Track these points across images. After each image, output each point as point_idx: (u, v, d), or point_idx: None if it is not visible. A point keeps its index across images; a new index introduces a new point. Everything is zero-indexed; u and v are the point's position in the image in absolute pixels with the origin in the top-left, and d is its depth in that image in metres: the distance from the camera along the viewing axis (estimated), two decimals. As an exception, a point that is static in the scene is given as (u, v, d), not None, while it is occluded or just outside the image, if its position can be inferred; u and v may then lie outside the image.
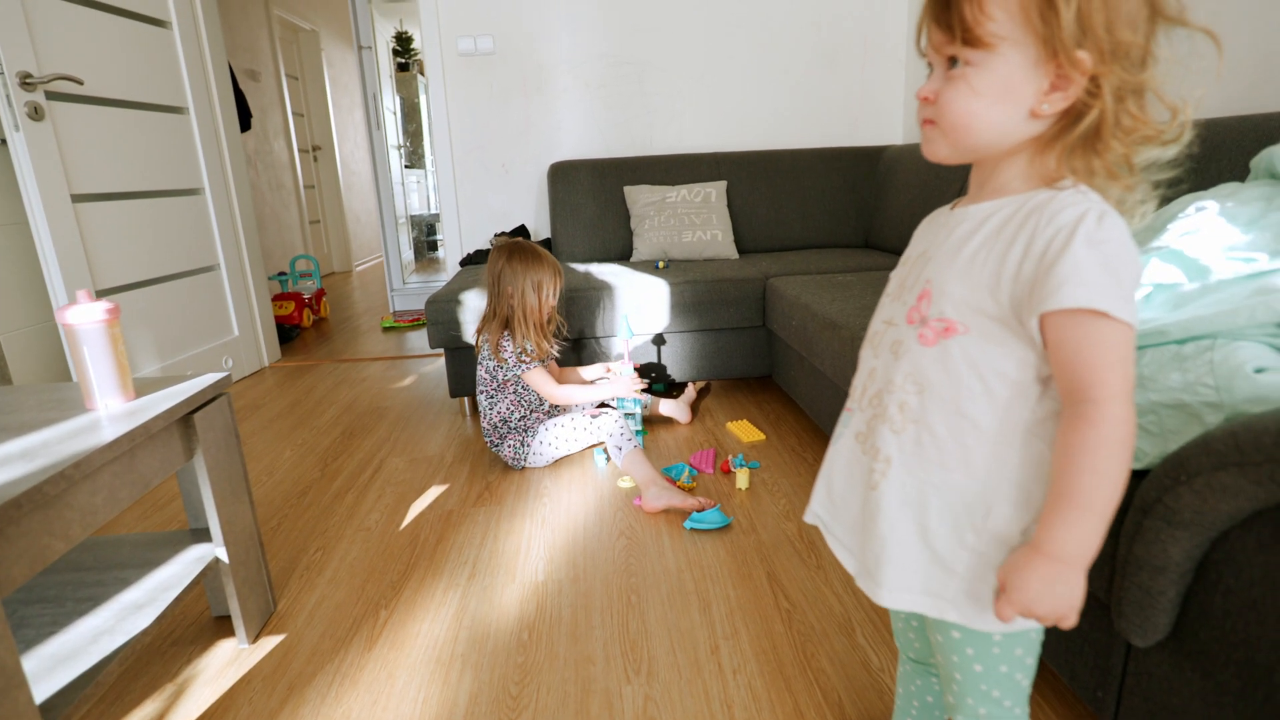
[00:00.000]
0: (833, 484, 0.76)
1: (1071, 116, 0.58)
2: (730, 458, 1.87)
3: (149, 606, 1.06)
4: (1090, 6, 0.53)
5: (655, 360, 2.33)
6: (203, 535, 1.27)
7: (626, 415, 2.05)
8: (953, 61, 0.59)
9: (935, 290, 0.63)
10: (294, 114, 5.32)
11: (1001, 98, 0.58)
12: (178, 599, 1.10)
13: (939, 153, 0.63)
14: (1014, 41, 0.56)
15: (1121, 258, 0.54)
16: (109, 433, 0.96)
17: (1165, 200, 0.64)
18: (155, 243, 2.49)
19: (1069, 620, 0.57)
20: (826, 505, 0.77)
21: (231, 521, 1.23)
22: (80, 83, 2.13)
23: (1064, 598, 0.56)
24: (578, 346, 2.28)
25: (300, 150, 5.41)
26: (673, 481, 1.79)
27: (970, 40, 0.56)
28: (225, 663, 1.23)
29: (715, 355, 2.32)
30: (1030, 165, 0.61)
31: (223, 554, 1.21)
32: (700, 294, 2.22)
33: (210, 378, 1.21)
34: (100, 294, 2.25)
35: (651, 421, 2.24)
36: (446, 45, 2.90)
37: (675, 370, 2.34)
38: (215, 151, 2.81)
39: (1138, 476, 0.86)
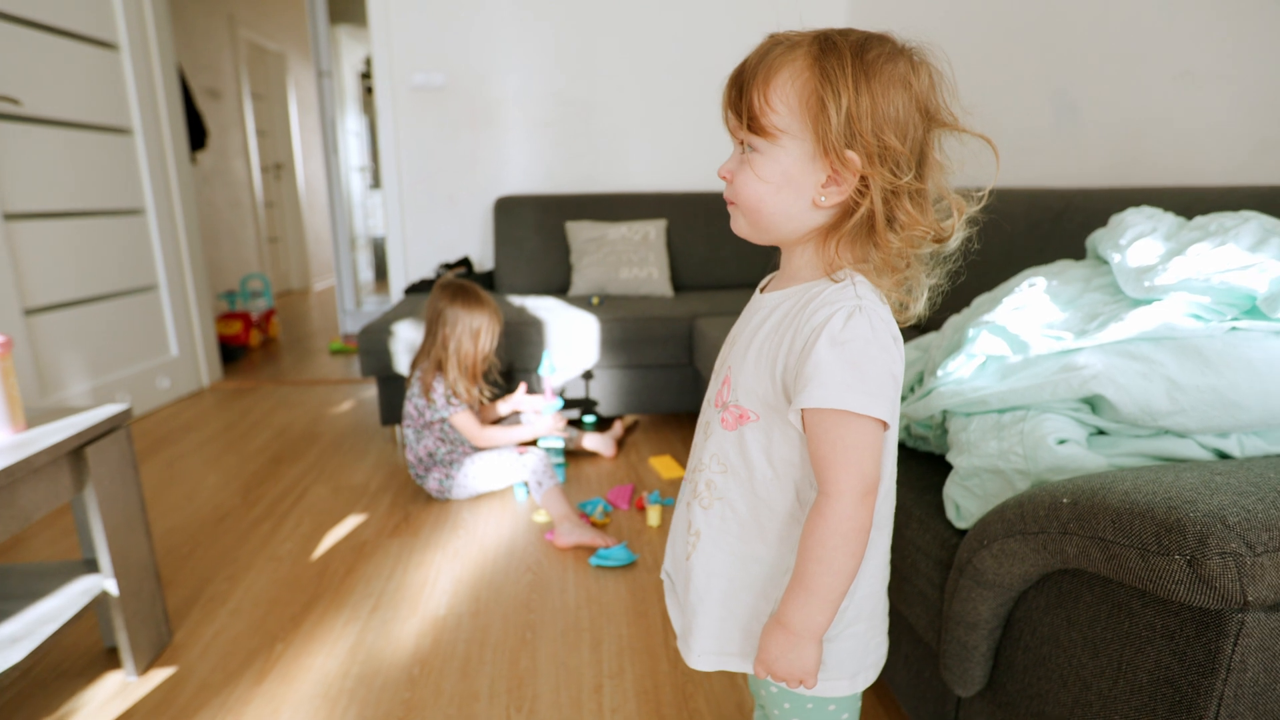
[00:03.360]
0: (674, 546, 0.80)
1: (847, 210, 0.62)
2: (645, 494, 1.91)
3: (25, 640, 1.07)
4: (858, 111, 0.57)
5: (584, 395, 2.38)
6: (96, 566, 1.27)
7: (548, 449, 2.08)
8: (746, 145, 0.63)
9: (734, 377, 0.68)
10: (257, 132, 5.33)
11: (783, 186, 0.61)
12: (58, 633, 1.10)
13: (741, 230, 0.68)
14: (793, 135, 0.60)
15: (866, 354, 0.58)
16: (-13, 467, 0.97)
17: (949, 286, 0.69)
18: (91, 262, 2.49)
19: (809, 682, 0.62)
20: (672, 563, 0.81)
21: (124, 554, 1.24)
22: (18, 103, 2.14)
23: (796, 664, 0.61)
24: (507, 378, 2.32)
25: (262, 168, 5.41)
26: (586, 517, 1.83)
27: (755, 129, 0.60)
28: (109, 696, 1.23)
29: (644, 391, 2.38)
30: (817, 253, 0.65)
31: (112, 586, 1.21)
32: (629, 331, 2.28)
33: (108, 410, 1.23)
34: (30, 312, 2.24)
35: (576, 455, 2.28)
36: (398, 78, 2.95)
37: (604, 405, 2.39)
38: (161, 172, 2.82)
39: (962, 536, 0.93)
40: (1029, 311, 0.93)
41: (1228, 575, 0.54)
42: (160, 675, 1.28)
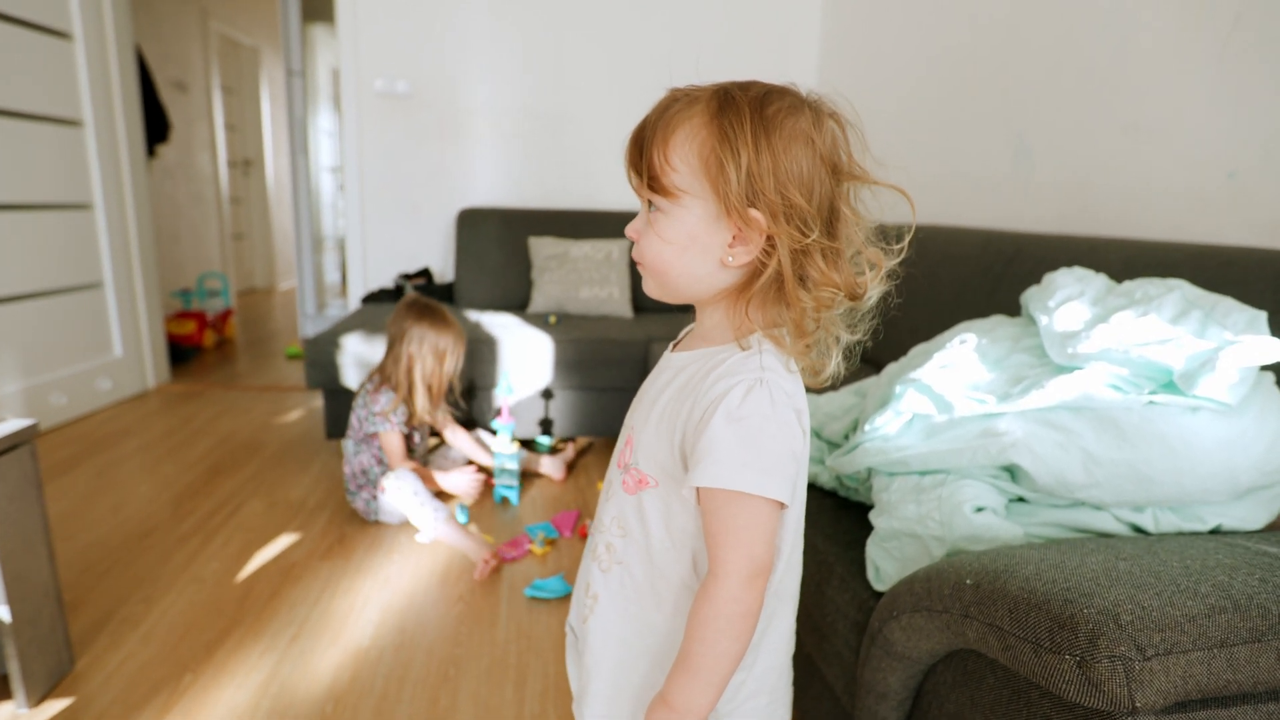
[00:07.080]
0: (576, 603, 0.77)
1: (757, 269, 0.59)
2: (589, 522, 1.87)
3: (-102, 672, 1.00)
4: (759, 169, 0.54)
5: (542, 415, 2.34)
6: (-10, 590, 1.21)
7: (503, 471, 2.03)
8: (651, 204, 0.60)
9: (635, 439, 0.65)
10: (226, 127, 5.22)
11: (688, 246, 0.58)
12: (-62, 663, 1.04)
13: (651, 291, 0.65)
14: (695, 194, 0.57)
15: (764, 432, 0.55)
16: None
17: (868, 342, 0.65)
18: (31, 256, 2.40)
19: None
20: (576, 619, 0.77)
21: (21, 578, 1.17)
22: (-44, 92, 2.06)
23: None
24: (468, 396, 2.27)
25: (230, 164, 5.30)
26: (528, 539, 1.80)
27: (656, 189, 0.58)
28: (-4, 728, 1.17)
29: (598, 413, 2.34)
30: (728, 314, 0.62)
31: (4, 613, 1.15)
32: (583, 352, 2.25)
33: (9, 426, 1.17)
34: (-41, 309, 2.15)
35: (527, 477, 2.24)
36: (365, 83, 2.90)
37: (559, 425, 2.35)
38: (113, 166, 2.74)
39: (880, 598, 0.90)
40: (955, 370, 0.91)
41: (1115, 680, 0.52)
42: (55, 707, 1.22)
